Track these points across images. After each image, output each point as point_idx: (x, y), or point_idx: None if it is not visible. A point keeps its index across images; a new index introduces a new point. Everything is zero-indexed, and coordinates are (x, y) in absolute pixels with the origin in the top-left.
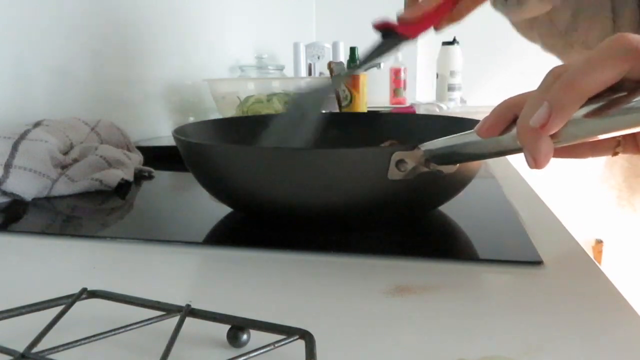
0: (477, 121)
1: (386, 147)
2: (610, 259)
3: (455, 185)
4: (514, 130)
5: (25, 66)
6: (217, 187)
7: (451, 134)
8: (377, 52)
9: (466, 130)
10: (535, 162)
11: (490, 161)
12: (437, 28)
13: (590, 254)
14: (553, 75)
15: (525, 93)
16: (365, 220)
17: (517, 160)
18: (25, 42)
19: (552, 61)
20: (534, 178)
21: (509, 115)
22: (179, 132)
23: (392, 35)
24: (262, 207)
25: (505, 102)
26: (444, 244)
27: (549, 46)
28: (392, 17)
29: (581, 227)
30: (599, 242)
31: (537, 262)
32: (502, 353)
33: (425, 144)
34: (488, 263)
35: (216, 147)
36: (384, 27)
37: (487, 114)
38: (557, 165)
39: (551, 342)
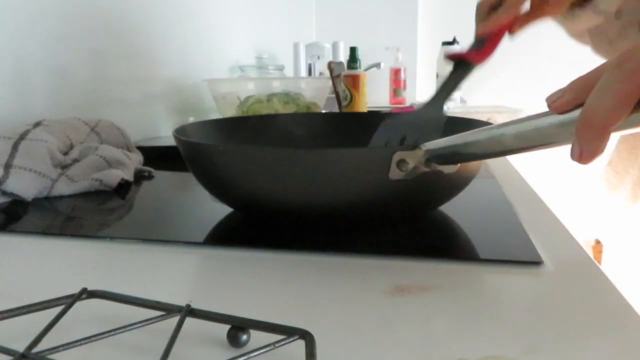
0: (477, 121)
1: (387, 147)
2: (610, 260)
3: (456, 185)
4: (515, 130)
5: (25, 66)
6: (218, 187)
7: (451, 134)
8: (452, 82)
9: (466, 130)
10: (582, 157)
11: (490, 161)
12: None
13: (590, 254)
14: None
15: (602, 69)
16: (366, 220)
17: (517, 160)
18: (25, 43)
19: (549, 61)
20: (533, 178)
21: (584, 96)
22: (179, 132)
23: (462, 64)
24: (262, 207)
25: (581, 80)
26: (444, 243)
27: (599, 51)
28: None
29: (581, 227)
30: (598, 242)
31: (537, 262)
32: (502, 353)
33: (426, 143)
34: (488, 263)
35: (217, 147)
36: (457, 57)
37: (486, 114)
38: (557, 164)
39: (551, 342)
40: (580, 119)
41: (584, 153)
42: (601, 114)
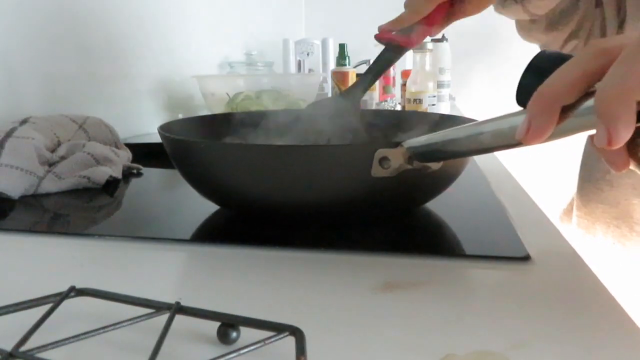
0: (466, 118)
1: (369, 144)
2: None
3: (441, 182)
4: (494, 128)
5: (12, 64)
6: (203, 184)
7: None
8: (382, 63)
9: (454, 127)
10: (528, 132)
11: (478, 158)
12: (431, 34)
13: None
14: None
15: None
16: (351, 217)
17: (505, 157)
18: (12, 40)
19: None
20: (521, 174)
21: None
22: (164, 128)
23: (393, 46)
24: (248, 204)
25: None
26: (433, 240)
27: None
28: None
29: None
30: None
31: (525, 258)
32: (490, 348)
33: (408, 141)
34: (476, 259)
35: (200, 143)
36: (386, 39)
37: (476, 113)
38: (545, 160)
39: (538, 336)
40: (535, 93)
41: (532, 128)
42: (555, 89)
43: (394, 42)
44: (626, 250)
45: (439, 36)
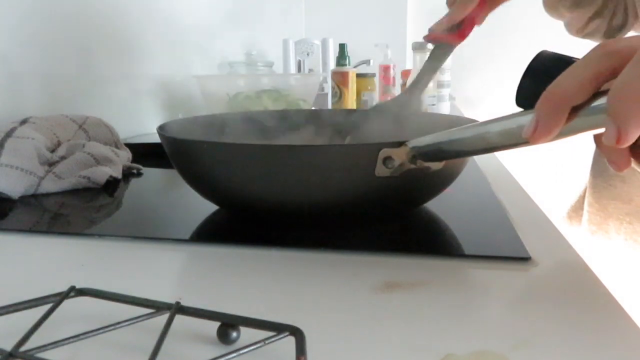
0: (466, 119)
1: (373, 144)
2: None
3: (441, 181)
4: (501, 127)
5: (12, 63)
6: (201, 185)
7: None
8: (433, 65)
9: (459, 126)
10: (535, 131)
11: (478, 158)
12: (477, 23)
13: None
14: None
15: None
16: (352, 217)
17: (506, 157)
18: (11, 40)
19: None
20: (522, 174)
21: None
22: (163, 128)
23: (440, 46)
24: (248, 204)
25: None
26: (433, 240)
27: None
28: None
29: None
30: None
31: (525, 258)
32: (491, 348)
33: (412, 140)
34: (476, 259)
35: (199, 143)
36: (435, 40)
37: (475, 113)
38: (546, 161)
39: (539, 336)
40: (544, 93)
41: (539, 127)
42: (564, 89)
43: (444, 41)
44: (639, 247)
45: None
